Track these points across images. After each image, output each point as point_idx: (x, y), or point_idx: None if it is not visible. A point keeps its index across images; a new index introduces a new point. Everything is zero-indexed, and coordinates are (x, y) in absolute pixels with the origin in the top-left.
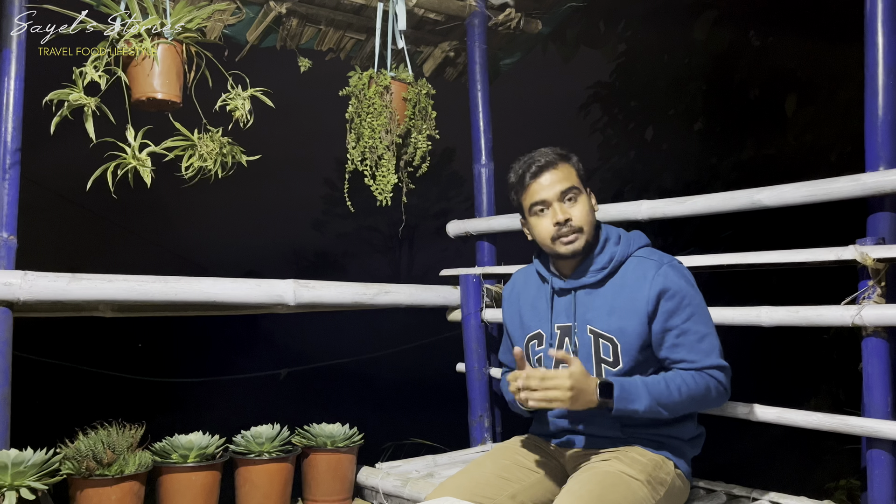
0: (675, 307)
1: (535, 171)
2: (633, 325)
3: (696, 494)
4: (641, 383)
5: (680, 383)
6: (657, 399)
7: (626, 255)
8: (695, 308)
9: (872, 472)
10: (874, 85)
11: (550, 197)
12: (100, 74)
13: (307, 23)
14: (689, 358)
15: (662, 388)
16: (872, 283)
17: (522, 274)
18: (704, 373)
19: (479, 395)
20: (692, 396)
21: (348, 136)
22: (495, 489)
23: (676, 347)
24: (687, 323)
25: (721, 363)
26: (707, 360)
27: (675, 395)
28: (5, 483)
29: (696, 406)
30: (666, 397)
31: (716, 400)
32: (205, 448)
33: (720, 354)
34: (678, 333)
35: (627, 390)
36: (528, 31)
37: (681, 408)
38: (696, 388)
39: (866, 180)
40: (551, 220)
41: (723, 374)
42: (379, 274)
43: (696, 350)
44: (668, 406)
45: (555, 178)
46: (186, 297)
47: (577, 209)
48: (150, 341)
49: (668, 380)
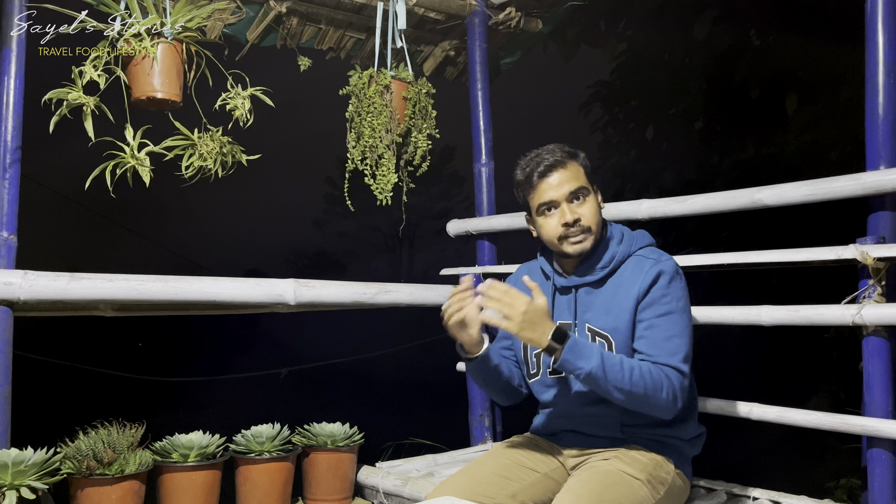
0: (652, 301)
1: (544, 171)
2: (625, 323)
3: (696, 493)
4: (598, 350)
5: (634, 366)
6: (606, 370)
7: (628, 254)
8: (673, 308)
9: (873, 471)
10: (874, 84)
11: (559, 197)
12: (99, 74)
13: (307, 22)
14: (649, 351)
15: (616, 363)
16: (873, 282)
17: (526, 269)
18: (661, 368)
19: (479, 395)
20: (644, 385)
21: (348, 136)
22: (496, 488)
23: (641, 339)
24: (659, 319)
25: (681, 367)
26: (668, 359)
27: (627, 375)
28: (6, 482)
29: (644, 399)
30: (616, 373)
31: (665, 404)
32: (205, 447)
33: (684, 360)
34: (646, 326)
35: (580, 346)
36: (528, 30)
37: (630, 392)
38: (649, 380)
39: (867, 179)
40: (559, 221)
41: (679, 377)
42: (379, 273)
43: (659, 346)
44: (616, 384)
45: (563, 177)
46: (187, 297)
47: (586, 209)
48: (151, 340)
49: (625, 360)
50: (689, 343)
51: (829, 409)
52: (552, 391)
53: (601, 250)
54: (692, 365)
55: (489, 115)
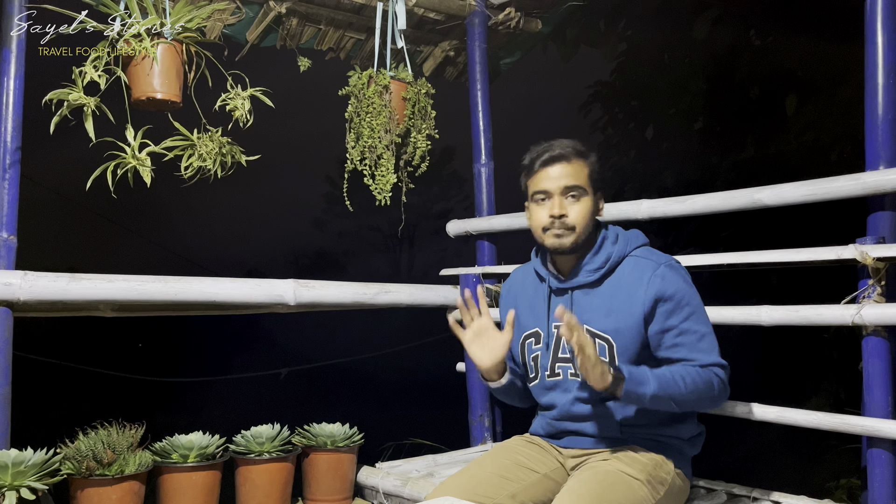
0: (673, 308)
1: (547, 160)
2: (629, 326)
3: (696, 494)
4: (647, 370)
5: (684, 374)
6: (662, 386)
7: (623, 254)
8: (693, 307)
9: (873, 471)
10: (874, 84)
11: (553, 189)
12: (99, 74)
13: (307, 22)
14: (689, 357)
15: (668, 377)
16: (872, 282)
17: (521, 272)
18: (707, 369)
19: (479, 395)
20: (697, 389)
21: (348, 136)
22: (495, 489)
23: (676, 347)
24: (686, 322)
25: (721, 361)
26: (708, 358)
27: (681, 384)
28: (6, 483)
29: (700, 400)
30: (672, 386)
31: (718, 397)
32: (205, 448)
33: (719, 353)
34: (677, 333)
35: (636, 374)
36: (528, 31)
37: (687, 399)
38: (700, 381)
39: (866, 179)
40: (548, 212)
41: (724, 371)
42: (379, 273)
43: (696, 349)
44: (675, 396)
45: (564, 171)
46: (186, 297)
47: (576, 208)
48: (151, 341)
49: (673, 371)
50: (713, 332)
51: (830, 408)
52: (551, 394)
53: (596, 252)
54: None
55: (489, 115)
